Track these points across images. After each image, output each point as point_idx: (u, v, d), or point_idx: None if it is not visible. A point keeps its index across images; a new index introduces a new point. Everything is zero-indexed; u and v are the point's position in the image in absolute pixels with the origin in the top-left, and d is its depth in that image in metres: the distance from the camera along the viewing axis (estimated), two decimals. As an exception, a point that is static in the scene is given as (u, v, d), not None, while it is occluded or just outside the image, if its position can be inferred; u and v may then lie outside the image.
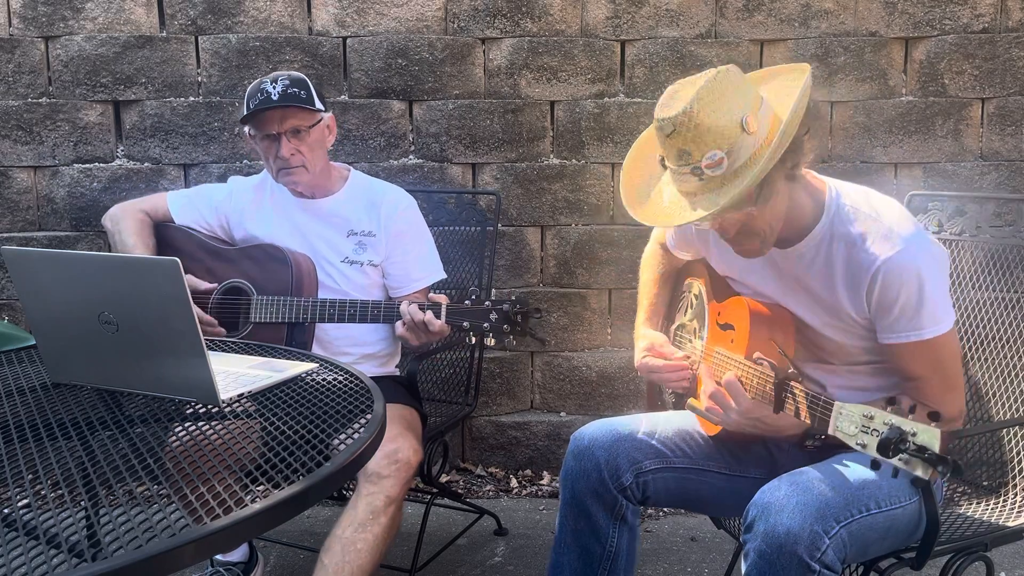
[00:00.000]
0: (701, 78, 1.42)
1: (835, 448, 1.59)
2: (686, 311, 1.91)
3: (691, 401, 1.67)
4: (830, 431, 1.33)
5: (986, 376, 1.93)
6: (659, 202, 1.54)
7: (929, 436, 1.16)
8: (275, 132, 2.15)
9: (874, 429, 1.23)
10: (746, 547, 1.45)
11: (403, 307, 2.02)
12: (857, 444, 1.26)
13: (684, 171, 1.44)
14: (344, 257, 2.25)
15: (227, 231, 2.35)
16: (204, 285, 2.20)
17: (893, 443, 1.18)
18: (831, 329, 1.61)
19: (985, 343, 1.95)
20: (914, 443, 1.17)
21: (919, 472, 1.17)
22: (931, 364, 1.54)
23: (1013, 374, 1.88)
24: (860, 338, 1.60)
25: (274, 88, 2.13)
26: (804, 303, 1.63)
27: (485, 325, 1.93)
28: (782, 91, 1.48)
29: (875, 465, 1.23)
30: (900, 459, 1.18)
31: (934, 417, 1.18)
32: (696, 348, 1.81)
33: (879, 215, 1.54)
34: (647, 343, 1.83)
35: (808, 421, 1.40)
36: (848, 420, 1.29)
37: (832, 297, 1.57)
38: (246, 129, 2.22)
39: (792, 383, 1.45)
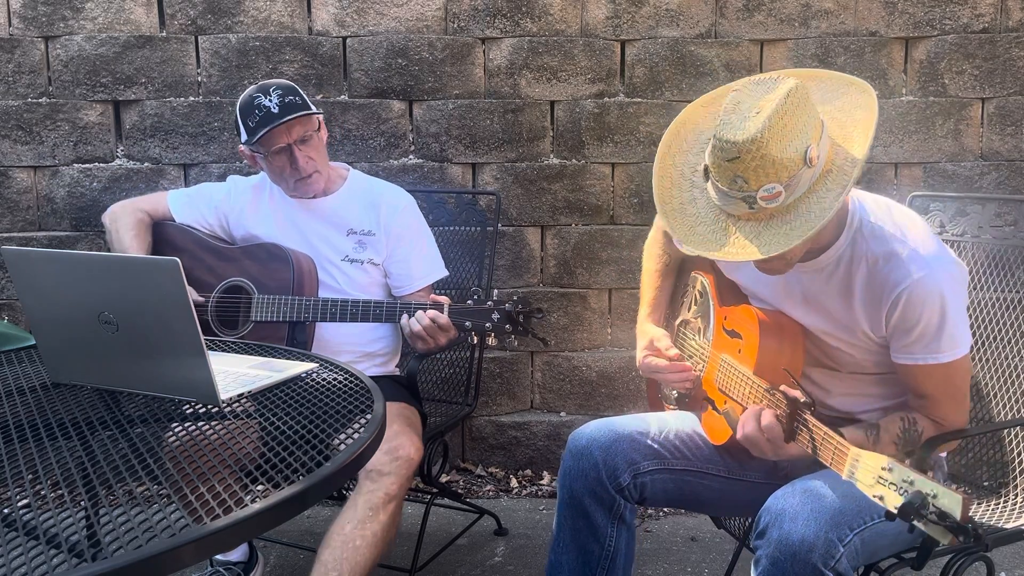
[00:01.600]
0: (772, 97, 1.33)
1: None
2: (690, 307, 1.89)
3: (728, 409, 1.62)
4: (844, 476, 1.28)
5: (987, 376, 1.93)
6: (700, 220, 1.45)
7: (951, 502, 1.11)
8: (285, 144, 2.14)
9: (891, 483, 1.19)
10: (758, 553, 1.43)
11: (404, 320, 2.02)
12: (874, 496, 1.21)
13: (734, 195, 1.37)
14: (345, 256, 2.25)
15: (227, 230, 2.35)
16: (198, 297, 2.19)
17: (915, 508, 1.14)
18: (842, 344, 1.58)
19: (986, 343, 1.95)
20: (935, 506, 1.13)
21: (938, 537, 1.14)
22: (943, 385, 1.52)
23: (1014, 374, 1.88)
24: (871, 352, 1.58)
25: (270, 101, 2.11)
26: (817, 318, 1.60)
27: (487, 325, 1.93)
28: (840, 113, 1.42)
29: (890, 517, 1.19)
30: (919, 522, 1.15)
31: (955, 480, 1.12)
32: (702, 348, 1.79)
33: (904, 234, 1.49)
34: (647, 340, 1.81)
35: (823, 459, 1.36)
36: (864, 470, 1.24)
37: (848, 315, 1.54)
38: (245, 149, 2.21)
39: (806, 416, 1.40)
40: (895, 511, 1.17)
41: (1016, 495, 1.83)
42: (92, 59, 2.99)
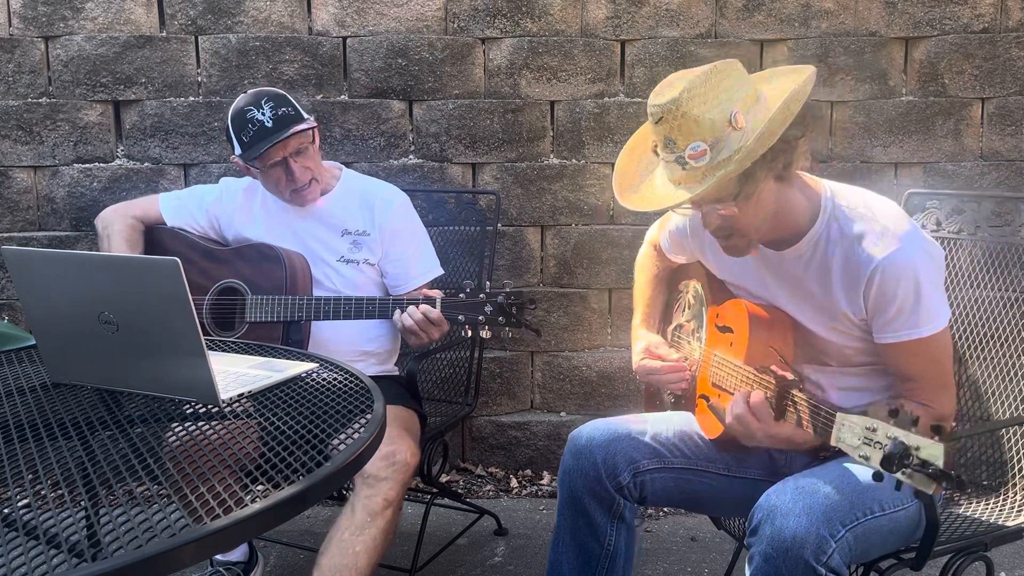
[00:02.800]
0: (698, 70, 1.44)
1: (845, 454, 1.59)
2: (683, 311, 1.91)
3: (714, 401, 1.65)
4: (832, 441, 1.32)
5: (985, 376, 1.93)
6: (648, 191, 1.55)
7: (933, 451, 1.15)
8: (281, 158, 2.14)
9: (877, 442, 1.22)
10: (751, 550, 1.44)
11: (396, 315, 2.02)
12: (860, 456, 1.25)
13: (670, 159, 1.46)
14: (340, 256, 2.25)
15: (219, 233, 2.35)
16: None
17: (897, 458, 1.17)
18: (828, 331, 1.60)
19: (984, 342, 1.95)
20: (918, 457, 1.16)
21: (923, 487, 1.16)
22: (927, 362, 1.54)
23: (1012, 373, 1.88)
24: (856, 340, 1.60)
25: (264, 115, 2.10)
26: (801, 305, 1.63)
27: (480, 318, 1.93)
28: (782, 91, 1.47)
29: (877, 477, 1.22)
30: (903, 473, 1.17)
31: (936, 430, 1.17)
32: (695, 349, 1.81)
33: (875, 215, 1.54)
34: (644, 345, 1.83)
35: (809, 430, 1.40)
36: (850, 432, 1.28)
37: (829, 298, 1.57)
38: (239, 160, 2.21)
39: (794, 392, 1.44)
40: (879, 467, 1.19)
41: (1015, 494, 1.84)
42: (92, 59, 2.99)
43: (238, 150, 2.17)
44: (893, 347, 1.54)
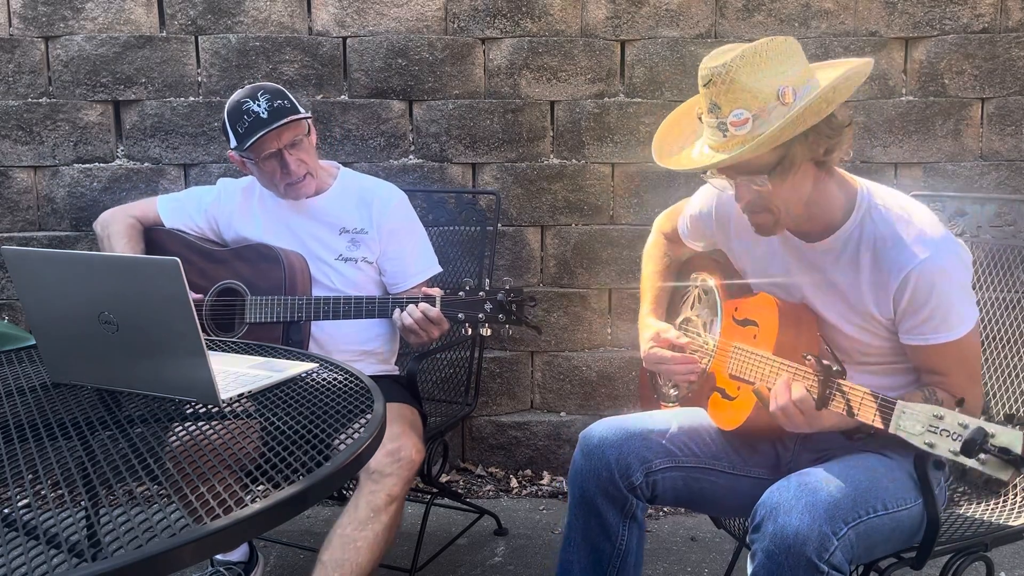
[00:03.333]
0: (757, 42, 1.43)
1: (847, 448, 1.59)
2: (693, 305, 1.89)
3: (759, 386, 1.62)
4: (891, 429, 1.32)
5: (986, 376, 1.93)
6: (685, 156, 1.56)
7: (1011, 438, 1.16)
8: (275, 149, 2.14)
9: (944, 429, 1.23)
10: (753, 547, 1.44)
11: (396, 315, 2.02)
12: (924, 444, 1.26)
13: (712, 124, 1.46)
14: (338, 255, 2.25)
15: (217, 233, 2.35)
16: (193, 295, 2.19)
17: (978, 444, 1.18)
18: (850, 327, 1.60)
19: (985, 343, 1.94)
20: (995, 445, 1.17)
21: (998, 473, 1.18)
22: (956, 361, 1.54)
23: (1013, 374, 1.88)
24: (879, 338, 1.59)
25: (259, 106, 2.11)
26: (826, 298, 1.62)
27: (480, 316, 1.93)
28: (835, 77, 1.46)
29: (939, 465, 1.23)
30: (979, 460, 1.19)
31: (1010, 418, 1.18)
32: (708, 343, 1.79)
33: (910, 217, 1.53)
34: (653, 332, 1.81)
35: (863, 419, 1.39)
36: (912, 419, 1.29)
37: (856, 295, 1.57)
38: (235, 154, 2.21)
39: (839, 381, 1.43)
40: (952, 453, 1.20)
41: (1015, 495, 1.84)
42: (92, 59, 2.99)
43: (233, 142, 2.16)
44: (921, 348, 1.54)
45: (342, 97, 3.06)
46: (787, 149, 1.45)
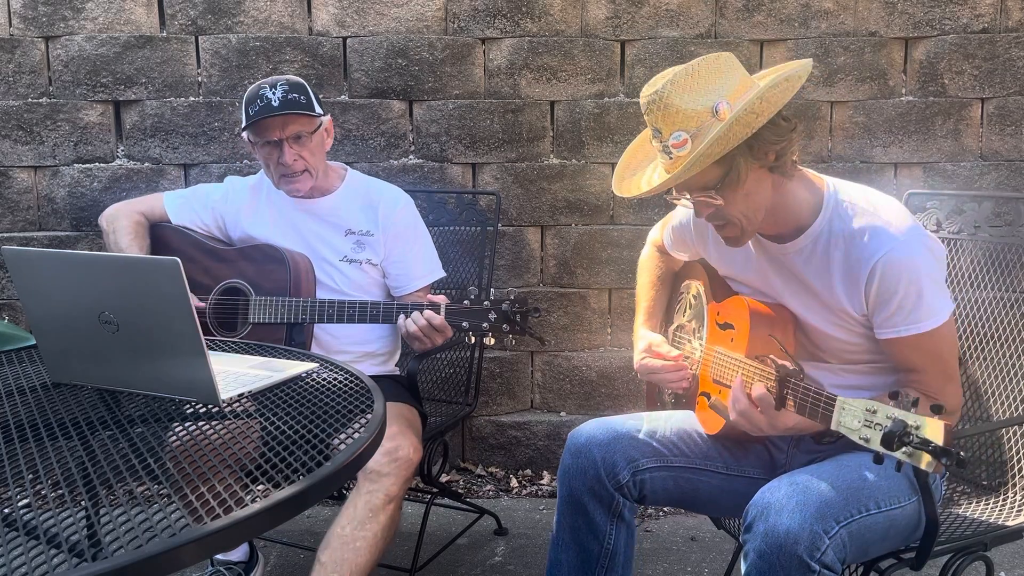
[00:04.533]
0: (691, 63, 1.47)
1: (841, 448, 1.59)
2: (684, 312, 1.91)
3: (715, 399, 1.65)
4: (832, 426, 1.33)
5: (985, 375, 1.93)
6: (637, 179, 1.61)
7: (933, 428, 1.16)
8: (277, 138, 2.15)
9: (877, 423, 1.23)
10: (746, 547, 1.45)
11: (400, 320, 2.02)
12: (860, 439, 1.25)
13: (659, 148, 1.51)
14: (343, 256, 2.25)
15: (224, 231, 2.35)
16: (197, 302, 2.18)
17: (897, 436, 1.17)
18: (829, 326, 1.61)
19: (984, 342, 1.95)
20: (918, 436, 1.16)
21: (923, 465, 1.16)
22: (930, 356, 1.54)
23: (1012, 373, 1.88)
24: (857, 336, 1.60)
25: (274, 94, 2.12)
26: (802, 299, 1.63)
27: (484, 325, 1.93)
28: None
29: (878, 459, 1.23)
30: (904, 452, 1.18)
31: (936, 410, 1.17)
32: (695, 348, 1.81)
33: (877, 211, 1.54)
34: (645, 344, 1.83)
35: (810, 417, 1.40)
36: (851, 415, 1.29)
37: (830, 293, 1.57)
38: (245, 135, 2.22)
39: (793, 380, 1.45)
40: (880, 447, 1.20)
41: (1014, 494, 1.84)
42: (92, 59, 2.99)
43: (243, 123, 2.18)
44: (894, 342, 1.54)
45: (342, 97, 3.06)
46: (731, 162, 1.47)
